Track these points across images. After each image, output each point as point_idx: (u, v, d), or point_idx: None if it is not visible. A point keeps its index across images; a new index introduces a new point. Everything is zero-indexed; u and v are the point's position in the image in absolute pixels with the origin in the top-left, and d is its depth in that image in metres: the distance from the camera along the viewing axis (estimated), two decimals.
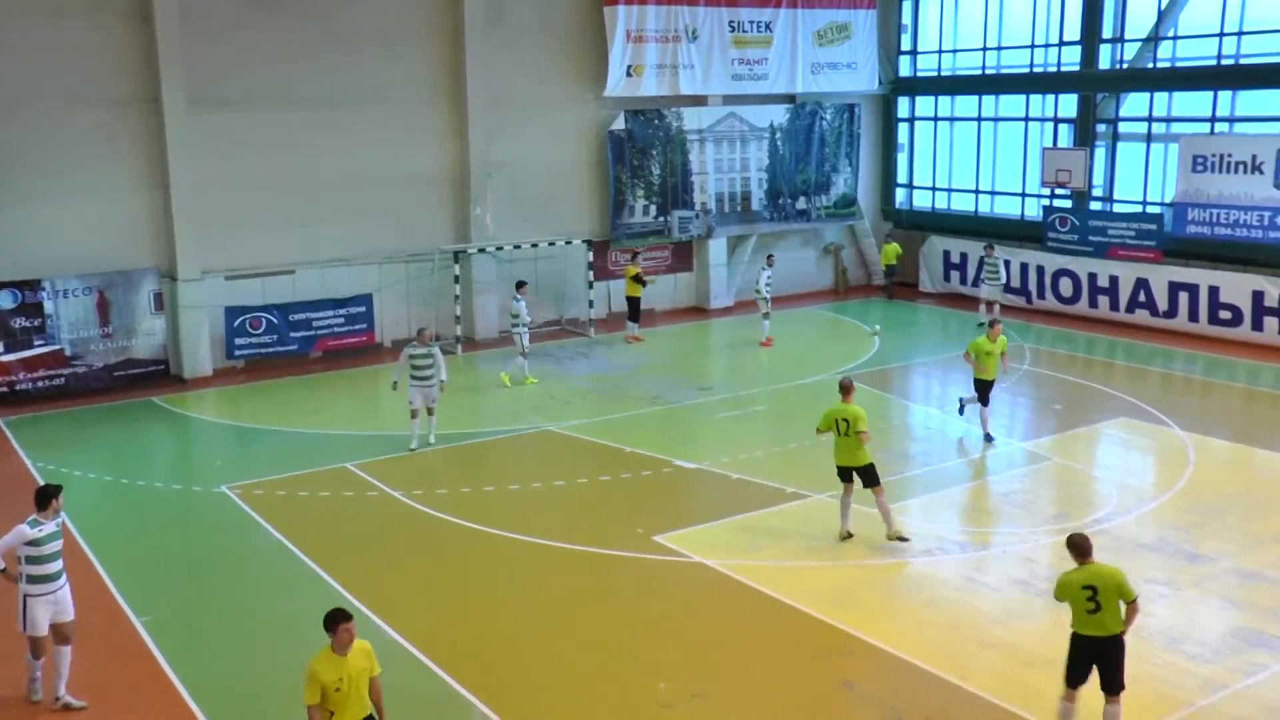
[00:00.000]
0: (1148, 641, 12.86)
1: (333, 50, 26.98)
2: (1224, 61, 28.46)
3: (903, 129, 36.98)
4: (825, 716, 11.58)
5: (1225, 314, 28.05)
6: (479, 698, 11.75)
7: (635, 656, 12.82)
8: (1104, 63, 30.92)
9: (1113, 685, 10.37)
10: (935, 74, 35.87)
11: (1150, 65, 30.14)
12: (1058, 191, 31.92)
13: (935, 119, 36.03)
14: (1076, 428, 21.06)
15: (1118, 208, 31.23)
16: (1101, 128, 31.37)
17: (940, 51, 35.55)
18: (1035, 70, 32.78)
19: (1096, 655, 10.37)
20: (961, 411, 20.99)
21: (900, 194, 37.30)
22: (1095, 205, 31.48)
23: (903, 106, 36.86)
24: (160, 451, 21.37)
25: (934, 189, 36.35)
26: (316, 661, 9.06)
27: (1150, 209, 30.28)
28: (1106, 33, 30.76)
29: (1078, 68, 31.41)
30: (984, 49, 34.07)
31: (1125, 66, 30.65)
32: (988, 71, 34.14)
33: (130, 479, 19.12)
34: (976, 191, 34.96)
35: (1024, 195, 33.64)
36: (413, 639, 13.04)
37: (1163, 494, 17.65)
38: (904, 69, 36.57)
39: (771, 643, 13.10)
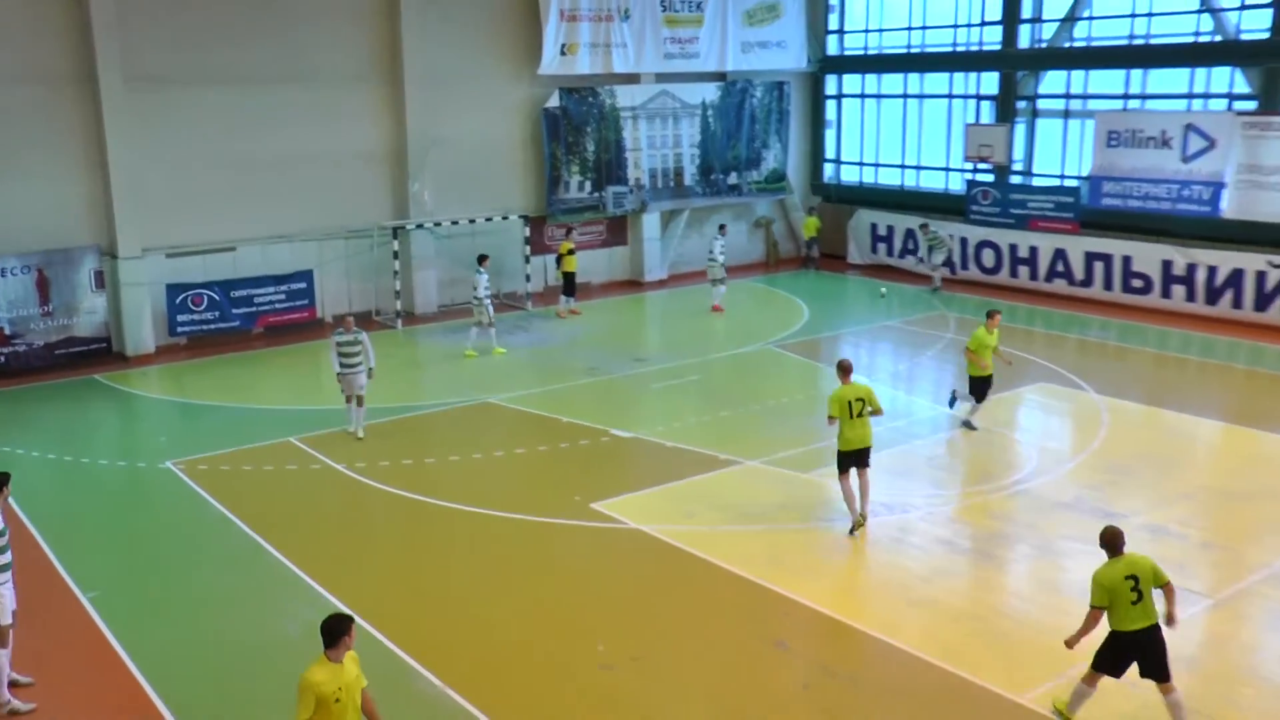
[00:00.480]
0: (1065, 595, 13.13)
1: (271, 28, 26.61)
2: (1135, 41, 28.88)
3: (831, 106, 37.13)
4: (759, 675, 11.69)
5: (1137, 282, 28.55)
6: (423, 664, 11.77)
7: (575, 620, 12.87)
8: (1023, 42, 31.24)
9: (1164, 673, 10.04)
10: (862, 52, 36.00)
11: (1067, 45, 30.49)
12: (980, 166, 32.26)
13: (862, 96, 36.20)
14: (998, 393, 21.21)
15: (1037, 181, 31.60)
16: (1021, 104, 31.71)
17: (867, 31, 35.71)
18: (958, 49, 33.05)
19: (1142, 649, 10.02)
20: (952, 404, 19.68)
21: (829, 169, 37.49)
22: (1016, 179, 31.83)
23: (831, 84, 36.99)
24: (104, 429, 21.07)
25: (861, 164, 36.56)
26: (314, 673, 8.27)
27: (1068, 182, 30.67)
28: (1026, 13, 31.06)
29: (999, 47, 31.69)
30: (909, 28, 34.29)
31: (1044, 46, 30.97)
32: (912, 50, 34.35)
33: (74, 457, 18.84)
34: (902, 166, 35.24)
35: (948, 170, 33.96)
36: (357, 608, 12.91)
37: (1079, 455, 17.98)
38: (832, 48, 36.68)
39: (706, 605, 13.21)
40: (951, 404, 19.71)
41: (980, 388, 18.89)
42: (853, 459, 14.97)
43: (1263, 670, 11.54)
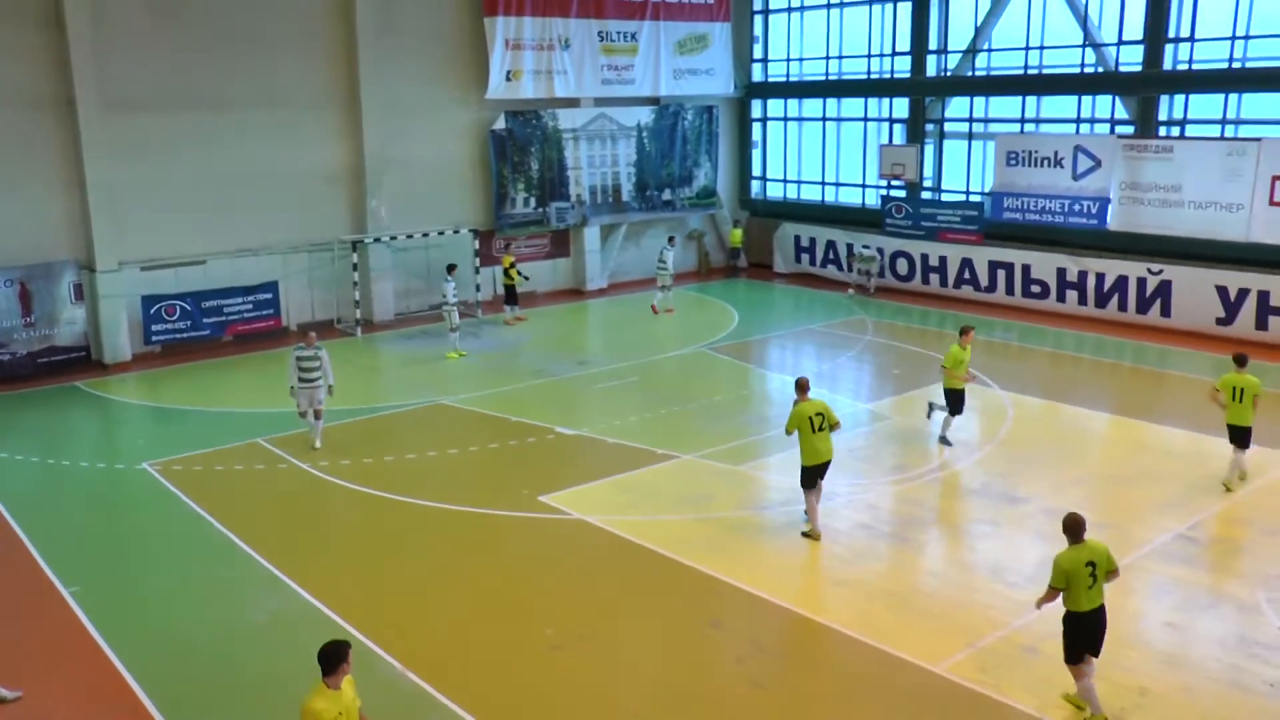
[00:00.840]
0: (974, 573, 13.34)
1: (238, 55, 26.27)
2: (1030, 71, 29.30)
3: (756, 128, 37.28)
4: (696, 652, 11.76)
5: (1036, 288, 28.97)
6: (384, 648, 11.70)
7: (526, 605, 12.85)
8: (931, 71, 31.57)
9: (1098, 649, 10.19)
10: (784, 79, 36.20)
11: (970, 73, 30.87)
12: (893, 183, 32.54)
13: (785, 119, 36.41)
14: (912, 390, 21.50)
15: (945, 197, 31.92)
16: (930, 127, 32.03)
17: (788, 60, 35.90)
18: (872, 77, 33.30)
19: (1092, 627, 10.09)
20: (930, 415, 18.76)
21: (755, 186, 37.64)
22: (926, 195, 32.14)
23: (756, 108, 37.16)
24: (84, 433, 20.66)
25: (785, 181, 36.75)
26: (315, 702, 7.84)
27: (972, 198, 31.02)
28: (932, 45, 31.38)
29: (908, 75, 32.00)
30: (827, 58, 34.52)
31: (949, 75, 31.32)
32: (830, 78, 34.58)
33: (56, 459, 18.51)
34: (823, 183, 35.46)
35: (864, 186, 34.20)
36: (324, 599, 12.91)
37: (986, 445, 18.21)
38: (756, 75, 36.86)
39: (646, 588, 13.25)
40: (929, 414, 18.73)
41: (956, 401, 18.04)
42: (818, 472, 14.47)
43: (1146, 636, 11.78)
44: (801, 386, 14.80)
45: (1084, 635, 10.09)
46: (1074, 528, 10.10)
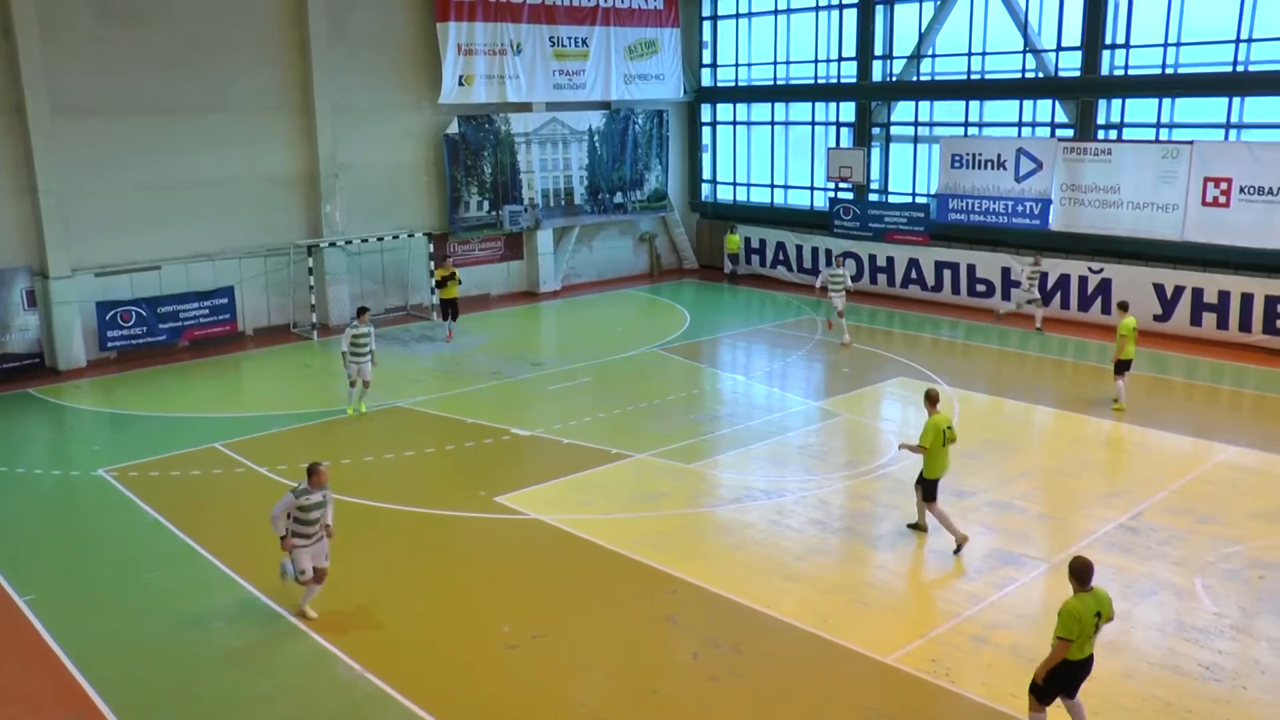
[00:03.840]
0: (923, 566, 13.46)
1: (189, 60, 25.98)
2: (973, 77, 29.62)
3: (706, 132, 37.42)
4: (651, 648, 11.77)
5: (981, 287, 29.29)
6: (342, 649, 11.62)
7: (482, 605, 12.79)
8: (876, 76, 31.80)
9: (1075, 692, 9.46)
10: (733, 84, 36.39)
11: (915, 78, 31.14)
12: (841, 185, 32.78)
13: (734, 123, 36.55)
14: (862, 387, 21.70)
15: (891, 198, 32.19)
16: (876, 131, 32.29)
17: (737, 65, 36.09)
18: (819, 82, 33.54)
19: (1080, 674, 9.33)
20: None
21: (705, 189, 37.78)
22: (873, 197, 32.40)
23: (705, 112, 37.29)
24: (39, 440, 20.28)
25: (735, 184, 36.91)
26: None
27: (918, 199, 31.32)
28: (878, 50, 31.64)
29: (855, 80, 32.23)
30: (774, 63, 34.72)
31: (894, 80, 31.59)
32: (778, 82, 34.80)
33: (9, 467, 18.16)
34: (771, 186, 35.65)
35: (812, 188, 34.40)
36: (282, 602, 12.79)
37: None
38: (706, 80, 37.00)
39: (602, 586, 13.24)
40: None
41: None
42: (937, 485, 14.19)
43: None
44: (932, 399, 14.31)
45: (1069, 682, 9.36)
46: (1082, 572, 9.17)
